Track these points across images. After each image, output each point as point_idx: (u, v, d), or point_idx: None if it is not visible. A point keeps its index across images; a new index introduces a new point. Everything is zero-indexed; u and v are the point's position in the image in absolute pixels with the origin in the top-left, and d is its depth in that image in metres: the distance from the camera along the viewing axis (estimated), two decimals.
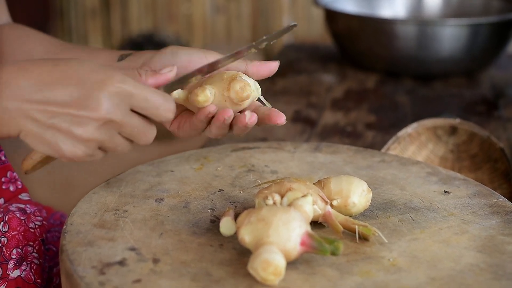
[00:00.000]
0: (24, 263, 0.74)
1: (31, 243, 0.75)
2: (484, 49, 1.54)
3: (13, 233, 0.74)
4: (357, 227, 0.65)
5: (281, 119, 0.70)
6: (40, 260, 0.75)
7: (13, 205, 0.78)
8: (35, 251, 0.75)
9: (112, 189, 0.74)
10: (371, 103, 1.43)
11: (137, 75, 0.66)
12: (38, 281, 0.74)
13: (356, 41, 1.60)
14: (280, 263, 0.57)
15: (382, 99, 1.46)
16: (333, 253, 0.59)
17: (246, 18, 3.16)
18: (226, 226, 0.65)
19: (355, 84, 1.56)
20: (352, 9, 1.72)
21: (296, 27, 0.70)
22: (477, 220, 0.69)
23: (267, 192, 0.66)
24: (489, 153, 0.98)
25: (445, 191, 0.69)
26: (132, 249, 0.63)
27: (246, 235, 0.60)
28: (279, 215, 0.59)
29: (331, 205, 0.67)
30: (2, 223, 0.75)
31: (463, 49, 1.51)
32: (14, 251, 0.73)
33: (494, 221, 0.69)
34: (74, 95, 0.62)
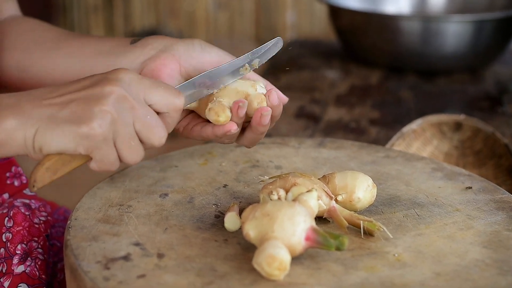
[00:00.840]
0: (29, 258, 0.74)
1: (36, 238, 0.75)
2: (488, 45, 1.54)
3: (17, 228, 0.74)
4: (362, 222, 0.65)
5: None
6: (45, 256, 0.75)
7: (18, 200, 0.79)
8: (39, 246, 0.75)
9: (116, 184, 0.74)
10: (375, 99, 1.42)
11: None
12: (43, 276, 0.74)
13: (360, 37, 1.60)
14: (285, 258, 0.57)
15: (385, 95, 1.46)
16: (338, 248, 0.59)
17: (249, 14, 3.16)
18: (231, 221, 0.65)
19: (358, 80, 1.56)
20: (356, 4, 1.72)
21: (283, 44, 0.70)
22: (482, 216, 0.69)
23: (272, 187, 0.66)
24: (494, 149, 0.98)
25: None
26: (137, 244, 0.63)
27: (251, 230, 0.60)
28: (284, 210, 0.59)
29: (336, 200, 0.67)
30: (7, 218, 0.75)
31: (467, 45, 1.51)
32: (19, 247, 0.73)
33: (499, 217, 0.69)
34: (87, 83, 0.62)
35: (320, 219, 0.67)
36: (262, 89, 0.70)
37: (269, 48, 0.70)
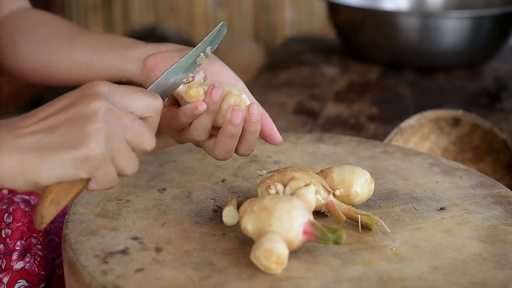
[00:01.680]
0: (28, 254, 0.74)
1: (35, 234, 0.75)
2: (486, 42, 1.54)
3: (17, 224, 0.74)
4: (359, 216, 0.65)
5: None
6: (44, 252, 0.76)
7: (18, 196, 0.79)
8: (39, 242, 0.75)
9: None
10: (374, 95, 1.43)
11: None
12: (42, 273, 0.74)
13: (358, 34, 1.60)
14: (283, 252, 0.57)
15: (384, 91, 1.46)
16: (336, 242, 0.59)
17: (248, 12, 3.16)
18: (229, 215, 0.65)
19: (357, 76, 1.56)
20: (354, 1, 1.72)
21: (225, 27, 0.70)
22: (480, 210, 0.69)
23: (269, 181, 0.66)
24: (492, 144, 0.98)
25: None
26: (135, 238, 0.63)
27: (248, 224, 0.60)
28: (281, 204, 0.59)
29: (334, 194, 0.67)
30: (6, 214, 0.75)
31: (465, 41, 1.51)
32: (18, 243, 0.74)
33: (497, 211, 0.69)
34: (66, 103, 0.58)
35: (318, 213, 0.67)
36: (246, 99, 0.68)
37: (217, 35, 0.71)
